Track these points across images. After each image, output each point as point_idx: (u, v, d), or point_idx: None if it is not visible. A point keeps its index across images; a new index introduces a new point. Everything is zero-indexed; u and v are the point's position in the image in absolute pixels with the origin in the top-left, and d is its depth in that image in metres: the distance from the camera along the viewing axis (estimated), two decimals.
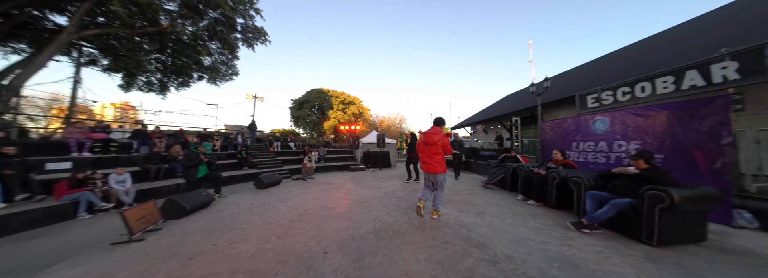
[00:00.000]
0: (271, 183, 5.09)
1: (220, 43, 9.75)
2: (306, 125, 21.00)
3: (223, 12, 8.71)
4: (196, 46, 9.11)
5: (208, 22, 8.96)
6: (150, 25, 7.75)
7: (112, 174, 3.67)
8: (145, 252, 2.03)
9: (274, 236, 2.35)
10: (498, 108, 13.11)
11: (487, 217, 2.83)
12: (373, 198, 3.91)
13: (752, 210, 2.54)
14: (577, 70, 10.99)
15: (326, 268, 1.71)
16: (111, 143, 5.33)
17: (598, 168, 3.73)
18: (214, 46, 9.95)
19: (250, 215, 3.07)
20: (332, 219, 2.82)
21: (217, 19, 9.15)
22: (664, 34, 8.41)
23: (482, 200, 3.68)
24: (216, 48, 9.99)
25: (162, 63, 9.59)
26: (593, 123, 4.14)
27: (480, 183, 5.26)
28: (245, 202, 3.78)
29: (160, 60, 9.51)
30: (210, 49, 9.75)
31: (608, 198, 2.35)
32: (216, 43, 9.78)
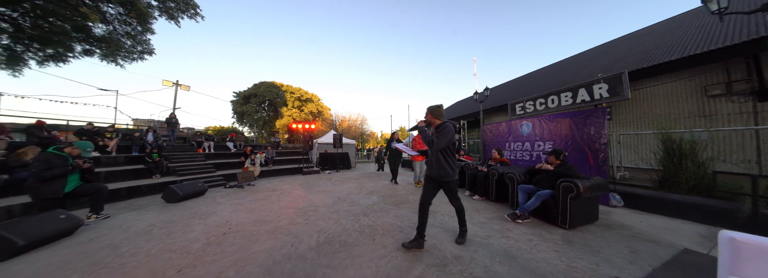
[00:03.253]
0: (189, 194, 4.07)
1: (124, 7, 7.29)
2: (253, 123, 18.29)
3: None
4: (79, 5, 6.53)
5: None
6: None
7: None
8: None
9: (172, 270, 1.77)
10: (448, 112, 14.69)
11: (438, 216, 2.93)
12: (323, 205, 3.58)
13: (619, 193, 3.40)
14: (512, 83, 13.35)
15: None
16: None
17: (525, 164, 4.55)
18: (114, 11, 7.38)
19: (141, 242, 2.29)
20: (265, 236, 2.38)
21: None
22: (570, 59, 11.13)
23: (436, 199, 3.86)
24: (115, 14, 7.43)
25: (14, 23, 6.46)
26: (520, 127, 4.98)
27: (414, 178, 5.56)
28: (140, 223, 2.85)
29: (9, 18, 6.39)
30: (105, 14, 7.17)
31: (534, 191, 2.75)
32: (117, 7, 7.27)
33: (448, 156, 1.99)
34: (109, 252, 2.07)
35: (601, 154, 3.38)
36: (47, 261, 1.92)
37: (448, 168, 1.98)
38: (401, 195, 4.29)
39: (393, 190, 4.75)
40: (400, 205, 3.51)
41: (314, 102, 19.91)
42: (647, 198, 3.16)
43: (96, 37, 7.30)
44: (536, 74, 12.17)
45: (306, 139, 9.01)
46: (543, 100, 5.13)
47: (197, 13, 8.48)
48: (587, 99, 4.17)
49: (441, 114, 2.07)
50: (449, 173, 1.98)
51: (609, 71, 6.05)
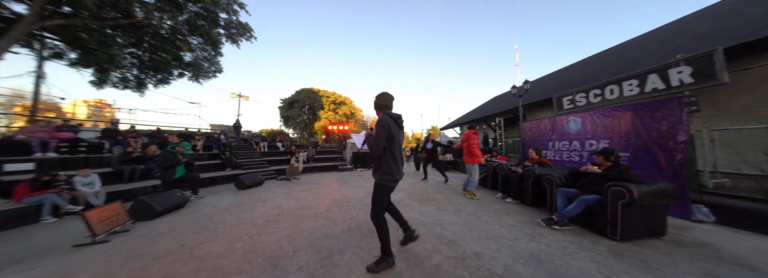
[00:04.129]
0: (253, 183, 5.03)
1: (202, 38, 9.35)
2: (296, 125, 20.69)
3: (205, 5, 8.37)
4: (176, 40, 8.71)
5: (189, 16, 8.57)
6: (123, 17, 7.33)
7: (76, 177, 3.51)
8: (108, 254, 2.00)
9: (246, 235, 2.37)
10: (484, 109, 13.59)
11: (464, 215, 2.93)
12: (355, 198, 3.98)
13: (709, 205, 2.70)
14: (557, 74, 11.56)
15: (293, 266, 1.76)
16: (80, 143, 5.07)
17: (572, 166, 3.92)
18: (196, 42, 9.53)
19: (225, 215, 3.06)
20: (309, 219, 2.86)
21: (198, 13, 8.76)
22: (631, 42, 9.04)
23: (463, 199, 3.82)
24: (198, 43, 9.58)
25: (138, 58, 9.08)
26: (567, 123, 4.39)
27: (464, 182, 5.44)
28: (223, 203, 3.74)
29: (135, 55, 9.01)
30: (191, 45, 9.34)
31: (577, 195, 2.48)
32: (197, 38, 9.37)
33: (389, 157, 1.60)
34: (206, 221, 2.84)
35: (678, 155, 2.71)
36: (171, 223, 2.78)
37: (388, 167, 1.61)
38: (427, 193, 4.36)
39: (420, 188, 4.84)
40: (424, 202, 3.61)
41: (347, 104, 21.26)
42: (753, 213, 2.45)
43: (186, 63, 9.57)
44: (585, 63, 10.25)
45: (340, 139, 9.80)
46: (598, 91, 4.38)
47: (251, 35, 10.23)
48: (661, 87, 3.38)
49: (382, 105, 1.68)
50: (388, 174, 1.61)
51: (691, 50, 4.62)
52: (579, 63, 11.18)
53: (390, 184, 1.68)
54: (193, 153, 6.68)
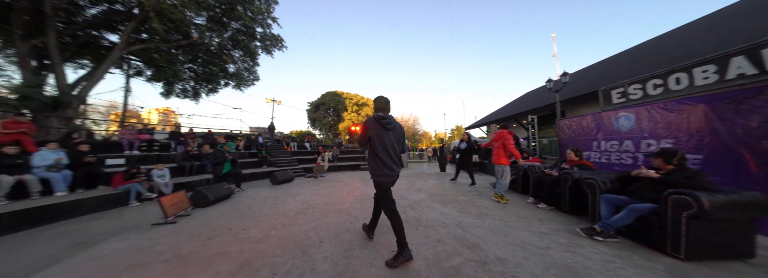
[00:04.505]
0: (285, 179, 5.51)
1: (243, 51, 10.64)
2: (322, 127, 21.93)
3: (244, 22, 9.52)
4: (222, 55, 10.08)
5: (232, 32, 9.86)
6: (183, 39, 8.77)
7: (154, 170, 4.32)
8: (176, 232, 2.42)
9: (279, 225, 2.63)
10: (515, 106, 12.51)
11: (488, 219, 2.78)
12: None
13: None
14: (602, 64, 10.05)
15: (319, 255, 1.91)
16: (154, 143, 6.19)
17: (624, 170, 3.34)
18: (238, 55, 10.89)
19: (262, 207, 3.42)
20: (333, 214, 3.04)
21: (239, 29, 10.02)
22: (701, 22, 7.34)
23: (488, 202, 3.62)
24: (239, 56, 10.93)
25: (194, 72, 10.76)
26: (616, 120, 3.81)
27: (489, 184, 5.14)
28: (260, 196, 4.19)
29: (192, 69, 10.69)
30: (234, 58, 10.70)
31: (626, 203, 2.13)
32: (239, 51, 10.70)
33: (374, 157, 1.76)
34: (247, 210, 3.23)
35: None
36: (221, 211, 3.23)
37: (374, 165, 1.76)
38: (449, 194, 4.22)
39: (441, 189, 4.72)
40: (446, 204, 3.51)
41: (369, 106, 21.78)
42: None
43: (230, 73, 10.96)
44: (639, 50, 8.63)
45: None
46: (659, 81, 3.70)
47: (283, 45, 11.28)
48: (750, 72, 2.72)
49: (377, 107, 1.87)
50: (375, 171, 1.76)
51: None
52: (629, 51, 9.56)
53: (381, 179, 1.81)
54: (236, 152, 7.60)
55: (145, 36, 8.83)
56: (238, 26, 9.83)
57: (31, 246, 2.34)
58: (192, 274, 1.67)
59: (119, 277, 1.63)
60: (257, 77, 11.79)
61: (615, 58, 9.84)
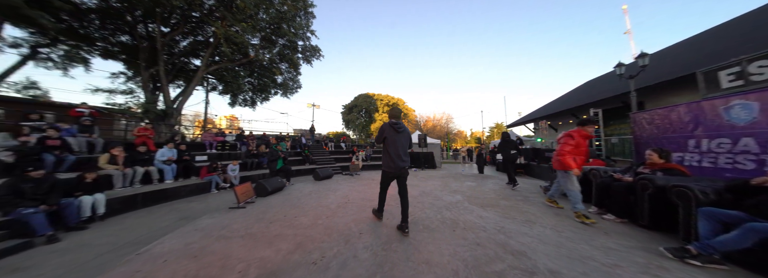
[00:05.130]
0: (325, 176, 6.01)
1: (288, 63, 12.13)
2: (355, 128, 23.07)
3: (289, 38, 10.85)
4: (272, 68, 11.69)
5: (279, 48, 11.37)
6: (243, 58, 10.54)
7: (229, 165, 5.29)
8: (246, 215, 2.92)
9: (324, 215, 2.90)
10: (570, 98, 10.65)
11: (537, 227, 2.48)
12: (411, 196, 4.04)
13: None
14: (695, 41, 7.65)
15: (359, 244, 2.05)
16: (226, 144, 7.57)
17: (739, 176, 2.50)
18: (284, 67, 12.45)
19: (309, 199, 3.82)
20: (370, 209, 3.17)
21: (285, 44, 11.48)
22: None
23: (536, 208, 3.21)
24: (285, 68, 12.49)
25: (251, 84, 12.78)
26: (727, 111, 2.82)
27: (539, 188, 4.55)
28: (306, 189, 4.68)
29: (250, 82, 12.70)
30: (281, 70, 12.29)
31: (741, 220, 1.66)
32: (285, 64, 12.23)
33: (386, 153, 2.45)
34: (297, 201, 3.65)
35: None
36: (276, 200, 3.73)
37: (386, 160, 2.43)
38: (489, 197, 3.89)
39: (480, 192, 4.39)
40: (486, 207, 3.25)
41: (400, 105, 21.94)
42: None
43: (279, 83, 12.59)
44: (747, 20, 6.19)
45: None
46: None
47: (320, 54, 12.41)
48: None
49: (391, 115, 2.53)
50: (386, 164, 2.44)
51: None
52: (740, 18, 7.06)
53: (387, 170, 2.45)
54: (286, 151, 8.67)
55: (217, 58, 10.92)
56: (283, 42, 11.29)
57: (156, 218, 3.17)
58: (261, 248, 2.00)
59: (213, 244, 2.07)
60: (300, 85, 13.24)
61: (716, 30, 7.43)
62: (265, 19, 9.86)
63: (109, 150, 3.93)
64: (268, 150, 5.45)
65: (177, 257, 1.84)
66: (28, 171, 2.55)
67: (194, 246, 2.04)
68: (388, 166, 2.42)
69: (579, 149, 2.77)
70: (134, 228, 2.90)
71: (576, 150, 2.76)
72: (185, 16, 9.31)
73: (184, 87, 11.11)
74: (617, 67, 5.56)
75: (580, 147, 2.77)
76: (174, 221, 3.13)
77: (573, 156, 2.74)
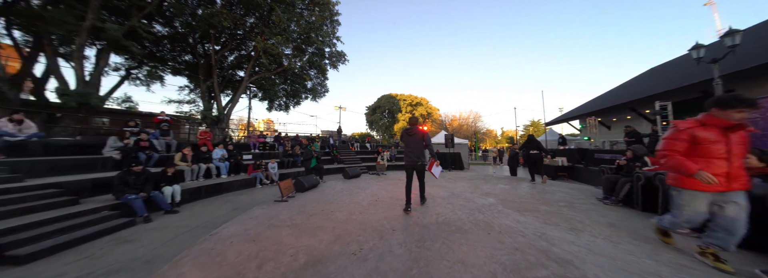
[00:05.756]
0: (354, 175, 6.23)
1: (316, 69, 12.99)
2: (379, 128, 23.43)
3: (317, 46, 11.65)
4: (303, 75, 12.66)
5: (309, 56, 12.28)
6: (278, 67, 11.64)
7: (270, 163, 5.90)
8: (289, 208, 3.20)
9: (357, 211, 3.01)
10: (628, 90, 9.03)
11: (585, 236, 2.19)
12: (439, 197, 3.96)
13: None
14: None
15: (394, 240, 2.08)
16: (266, 144, 8.43)
17: None
18: (313, 73, 13.37)
19: (341, 196, 4.01)
20: (399, 208, 3.18)
21: (313, 52, 12.34)
22: None
23: (584, 216, 2.83)
24: (314, 74, 13.40)
25: (285, 91, 14.00)
26: None
27: (587, 195, 3.98)
28: (337, 187, 4.92)
29: (284, 89, 13.94)
30: (311, 76, 13.22)
31: None
32: (314, 70, 13.13)
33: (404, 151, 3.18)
34: (331, 197, 3.87)
35: None
36: (313, 196, 4.01)
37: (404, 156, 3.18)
38: (526, 202, 3.55)
39: (515, 195, 4.03)
40: (523, 212, 2.98)
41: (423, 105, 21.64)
42: None
43: (308, 89, 13.55)
44: None
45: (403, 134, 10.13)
46: None
47: (345, 59, 13.01)
48: None
49: (409, 123, 3.22)
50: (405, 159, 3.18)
51: None
52: None
53: (405, 164, 3.17)
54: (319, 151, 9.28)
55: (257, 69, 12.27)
56: (312, 50, 12.15)
57: (215, 207, 3.70)
58: (305, 237, 2.18)
59: (266, 231, 2.33)
60: (327, 89, 14.06)
61: None
62: (296, 30, 10.77)
63: (182, 150, 4.73)
64: (303, 151, 5.90)
65: (240, 240, 2.13)
66: (132, 166, 3.24)
67: (251, 231, 2.33)
68: (405, 161, 3.14)
69: (711, 147, 1.53)
70: (201, 214, 3.44)
71: (702, 150, 1.55)
72: (232, 34, 10.75)
73: (232, 95, 12.72)
74: (694, 49, 4.60)
75: (715, 144, 1.52)
76: (229, 211, 3.61)
77: (696, 158, 1.54)
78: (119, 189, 3.05)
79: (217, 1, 9.88)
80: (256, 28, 10.57)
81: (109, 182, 3.32)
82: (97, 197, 3.25)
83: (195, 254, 1.86)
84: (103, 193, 3.32)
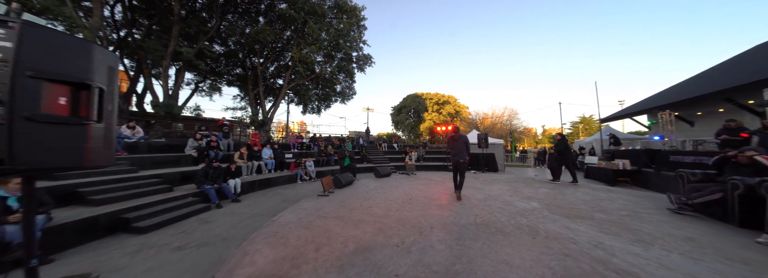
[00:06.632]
0: (385, 174, 6.37)
1: (345, 74, 13.70)
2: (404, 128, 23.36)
3: (345, 51, 12.30)
4: (333, 79, 13.49)
5: (337, 61, 13.03)
6: (311, 74, 12.64)
7: (307, 161, 6.44)
8: (331, 202, 3.45)
9: (393, 208, 3.07)
10: (723, 75, 7.11)
11: (655, 249, 1.86)
12: (474, 198, 3.79)
13: None
14: None
15: (433, 237, 2.08)
16: (303, 144, 9.21)
17: None
18: (342, 77, 14.13)
19: (376, 193, 4.15)
20: (435, 207, 3.15)
21: (342, 57, 13.05)
22: None
23: (653, 227, 2.39)
24: (342, 78, 14.15)
25: (317, 95, 15.09)
26: None
27: (657, 204, 3.30)
28: (371, 185, 5.09)
29: (316, 93, 15.03)
30: (340, 80, 14.01)
31: None
32: (342, 74, 13.87)
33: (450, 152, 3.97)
34: (366, 194, 4.03)
35: None
36: (350, 192, 4.24)
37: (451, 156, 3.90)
38: (578, 208, 3.13)
39: (562, 201, 3.58)
40: (573, 219, 2.65)
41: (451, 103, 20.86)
42: None
43: (338, 92, 14.35)
44: None
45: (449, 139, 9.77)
46: None
47: (372, 61, 13.42)
48: None
49: (453, 130, 4.21)
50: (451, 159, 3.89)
51: None
52: None
53: (451, 162, 3.90)
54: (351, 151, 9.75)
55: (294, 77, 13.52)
56: (341, 55, 12.87)
57: (266, 199, 4.19)
58: (351, 228, 2.34)
59: (316, 221, 2.57)
60: (355, 92, 14.73)
61: None
62: (326, 38, 11.57)
63: (240, 149, 5.51)
64: (337, 150, 6.28)
65: (296, 226, 2.40)
66: (212, 162, 3.93)
67: (304, 220, 2.60)
68: (452, 159, 3.90)
69: None
70: (257, 204, 3.95)
71: None
72: (272, 48, 12.10)
73: (273, 101, 14.28)
74: None
75: None
76: (279, 202, 4.06)
77: None
78: (200, 181, 3.72)
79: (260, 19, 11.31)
80: (292, 40, 11.70)
81: (191, 174, 4.10)
82: (184, 186, 4.02)
83: (263, 235, 2.17)
84: (187, 183, 4.09)
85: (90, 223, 2.40)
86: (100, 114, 0.86)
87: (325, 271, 1.58)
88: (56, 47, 0.78)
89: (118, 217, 2.63)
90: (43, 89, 0.74)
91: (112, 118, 0.92)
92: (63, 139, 0.79)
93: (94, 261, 2.02)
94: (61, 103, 0.78)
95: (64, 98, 0.79)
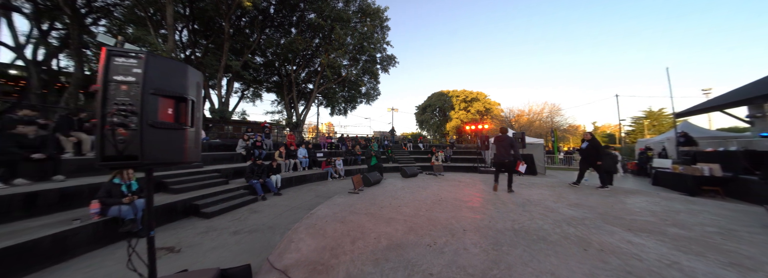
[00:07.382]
0: (412, 174, 6.34)
1: (369, 75, 14.03)
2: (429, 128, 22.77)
3: (370, 53, 12.58)
4: (358, 81, 13.94)
5: (362, 63, 13.42)
6: (338, 77, 13.28)
7: (336, 160, 6.82)
8: (362, 199, 3.60)
9: (423, 209, 3.05)
10: None
11: (756, 275, 1.50)
12: (511, 202, 3.49)
13: None
14: None
15: (467, 240, 2.00)
16: (332, 144, 9.76)
17: None
18: (366, 79, 14.51)
19: (404, 193, 4.17)
20: (466, 210, 3.02)
21: (366, 59, 13.38)
22: None
23: (758, 250, 1.88)
24: (367, 80, 14.52)
25: (344, 97, 15.78)
26: None
27: (760, 221, 2.61)
28: (398, 185, 5.13)
29: (343, 96, 15.74)
30: (364, 81, 14.40)
31: None
32: (367, 76, 14.23)
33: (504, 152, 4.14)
34: (395, 193, 4.09)
35: None
36: (378, 191, 4.35)
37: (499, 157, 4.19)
38: (643, 219, 2.64)
39: (621, 210, 3.04)
40: (637, 232, 2.24)
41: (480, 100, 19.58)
42: None
43: (363, 93, 14.78)
44: None
45: (481, 138, 9.19)
46: None
47: (396, 62, 13.47)
48: None
49: (500, 130, 4.33)
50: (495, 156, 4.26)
51: None
52: None
53: (494, 161, 4.43)
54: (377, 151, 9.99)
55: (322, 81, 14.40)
56: (365, 58, 13.21)
57: (302, 194, 4.57)
58: (382, 225, 2.42)
59: (349, 216, 2.73)
60: (379, 92, 15.01)
61: None
62: (352, 42, 12.02)
63: (279, 148, 6.13)
64: (364, 150, 6.50)
65: (332, 220, 2.59)
66: (259, 160, 4.49)
67: (339, 215, 2.78)
68: (495, 159, 4.16)
69: None
70: (295, 198, 4.34)
71: None
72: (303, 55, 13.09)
73: (305, 104, 15.45)
74: None
75: None
76: (313, 197, 4.40)
77: None
78: (249, 176, 4.28)
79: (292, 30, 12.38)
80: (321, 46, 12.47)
81: (241, 170, 4.74)
82: (236, 180, 4.66)
83: (304, 226, 2.40)
84: (238, 177, 4.74)
85: (171, 207, 2.98)
86: (192, 120, 1.09)
87: (361, 263, 1.68)
88: (165, 70, 1.02)
89: (190, 204, 3.20)
90: (159, 103, 0.98)
91: (199, 123, 1.15)
92: (170, 141, 1.02)
93: (175, 238, 2.50)
94: (169, 112, 1.02)
95: (170, 109, 1.03)
